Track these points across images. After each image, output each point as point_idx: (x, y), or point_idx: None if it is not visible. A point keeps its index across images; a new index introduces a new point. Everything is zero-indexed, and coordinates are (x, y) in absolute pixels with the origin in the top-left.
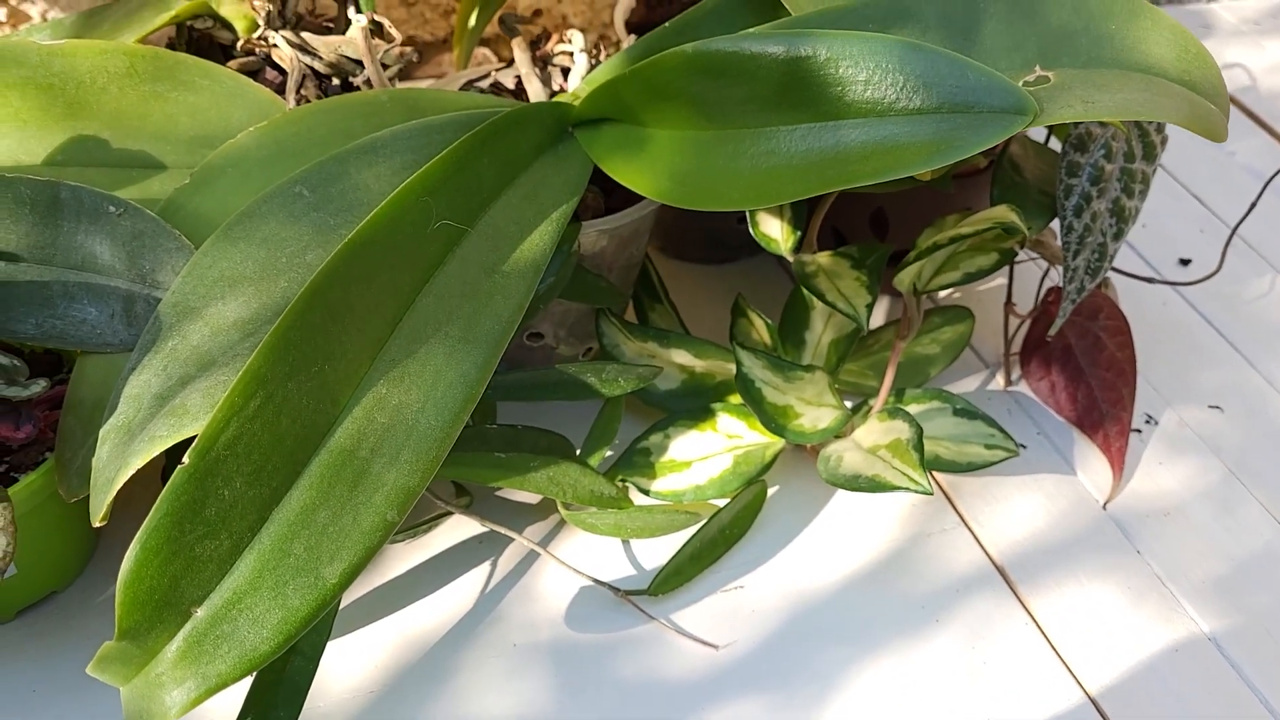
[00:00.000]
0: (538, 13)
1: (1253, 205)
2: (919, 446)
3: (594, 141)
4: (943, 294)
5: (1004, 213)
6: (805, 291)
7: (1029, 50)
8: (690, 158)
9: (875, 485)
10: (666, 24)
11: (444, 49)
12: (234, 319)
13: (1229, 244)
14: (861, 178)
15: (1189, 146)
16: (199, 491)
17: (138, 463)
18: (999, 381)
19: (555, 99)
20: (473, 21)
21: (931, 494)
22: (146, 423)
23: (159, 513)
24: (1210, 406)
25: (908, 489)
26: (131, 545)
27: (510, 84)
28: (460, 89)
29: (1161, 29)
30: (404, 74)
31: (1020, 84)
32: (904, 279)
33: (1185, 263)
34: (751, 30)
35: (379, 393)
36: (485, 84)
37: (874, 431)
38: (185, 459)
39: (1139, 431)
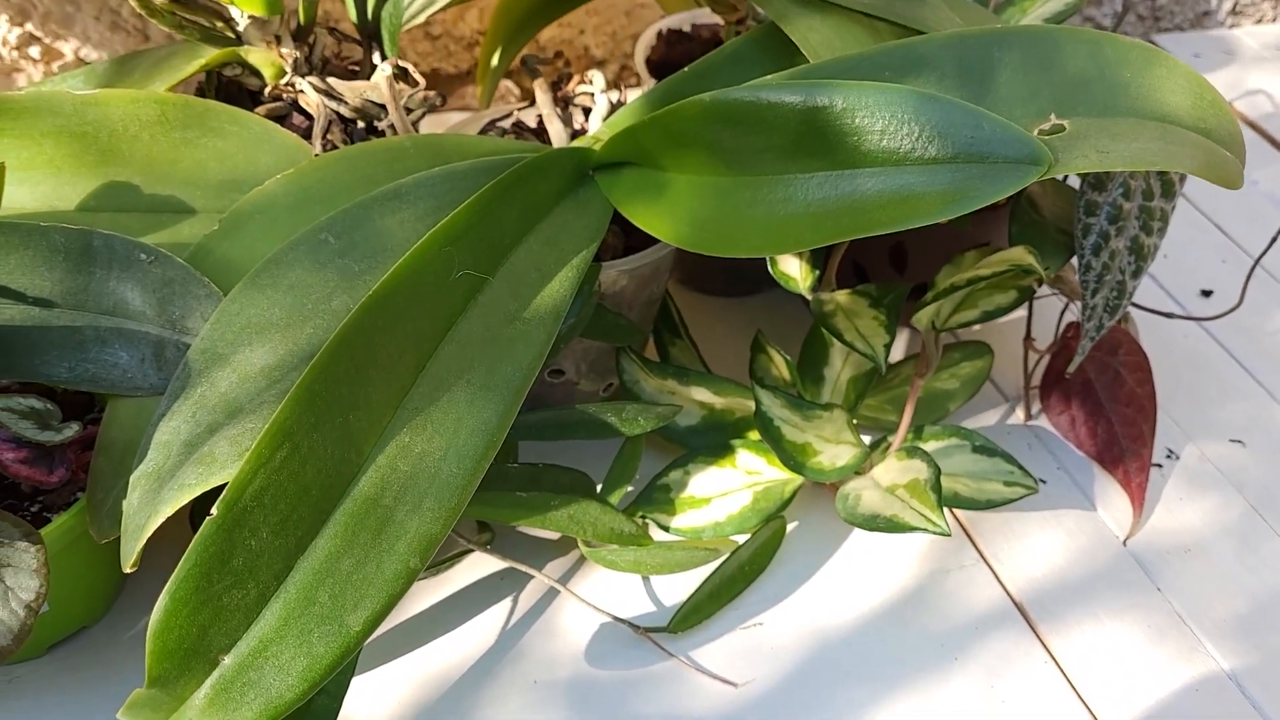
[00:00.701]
0: (560, 53)
1: (1275, 237)
2: (937, 487)
3: (614, 186)
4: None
5: (1021, 255)
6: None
7: (1044, 99)
8: (709, 204)
9: (893, 526)
10: (686, 69)
11: (467, 80)
12: (261, 366)
13: (1250, 276)
14: (877, 226)
15: None
16: (226, 543)
17: (167, 510)
18: (1019, 416)
19: (576, 141)
20: (495, 61)
21: (949, 535)
22: (176, 470)
23: (187, 564)
24: (1232, 441)
25: (925, 530)
26: (161, 596)
27: (532, 122)
28: (483, 129)
29: (1177, 77)
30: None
31: (1035, 132)
32: (922, 318)
33: (1207, 294)
34: (769, 79)
35: (402, 441)
36: (507, 123)
37: (892, 470)
38: (213, 511)
39: (1159, 466)
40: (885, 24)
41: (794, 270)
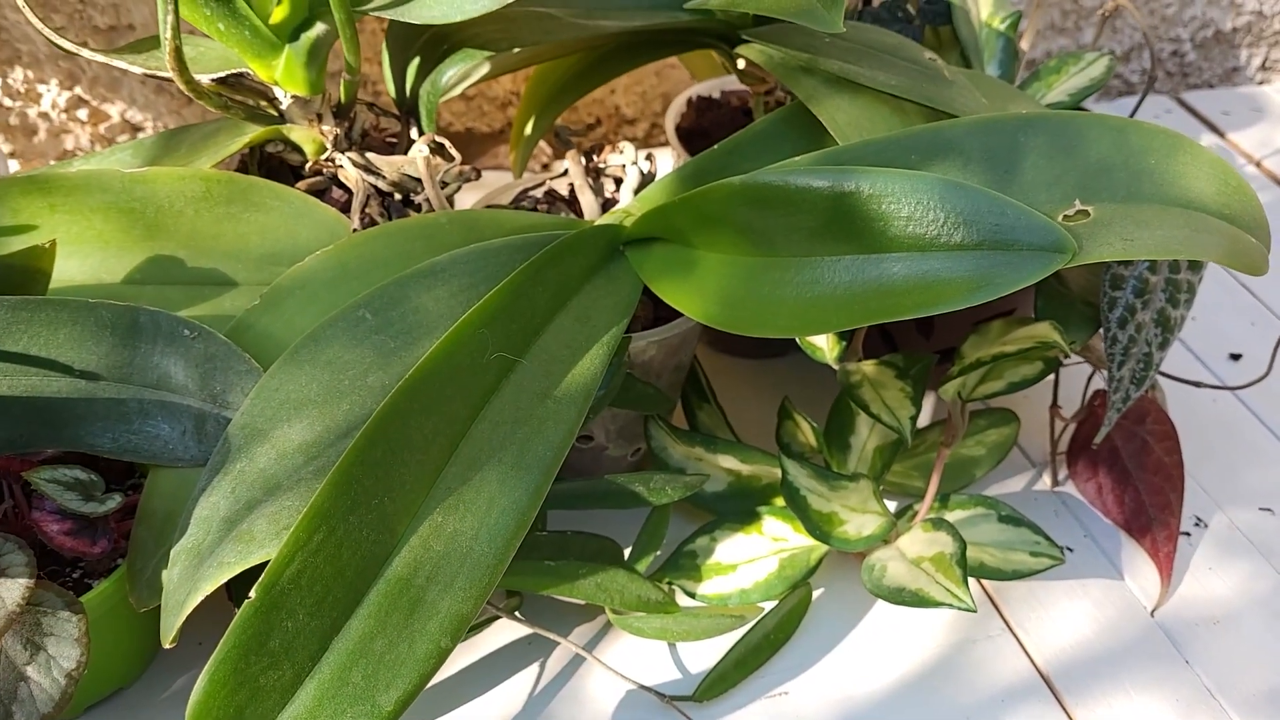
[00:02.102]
0: (594, 123)
1: None
2: (962, 562)
3: (644, 261)
4: None
5: (1046, 331)
6: None
7: (1068, 185)
8: (738, 283)
9: (919, 600)
10: (715, 146)
11: (501, 140)
12: (299, 442)
13: (1276, 349)
14: (903, 311)
15: None
16: (264, 625)
17: (207, 588)
18: (1045, 482)
19: (607, 214)
20: (529, 129)
21: (975, 611)
22: (215, 547)
23: (226, 646)
24: (1261, 509)
25: (951, 606)
26: (200, 677)
27: (564, 190)
28: (516, 198)
29: (1201, 163)
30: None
31: (1060, 218)
32: (949, 390)
33: (1236, 358)
34: (797, 160)
35: (435, 521)
36: (540, 192)
37: (918, 542)
38: (251, 594)
39: (1188, 535)
40: (913, 105)
41: (821, 341)
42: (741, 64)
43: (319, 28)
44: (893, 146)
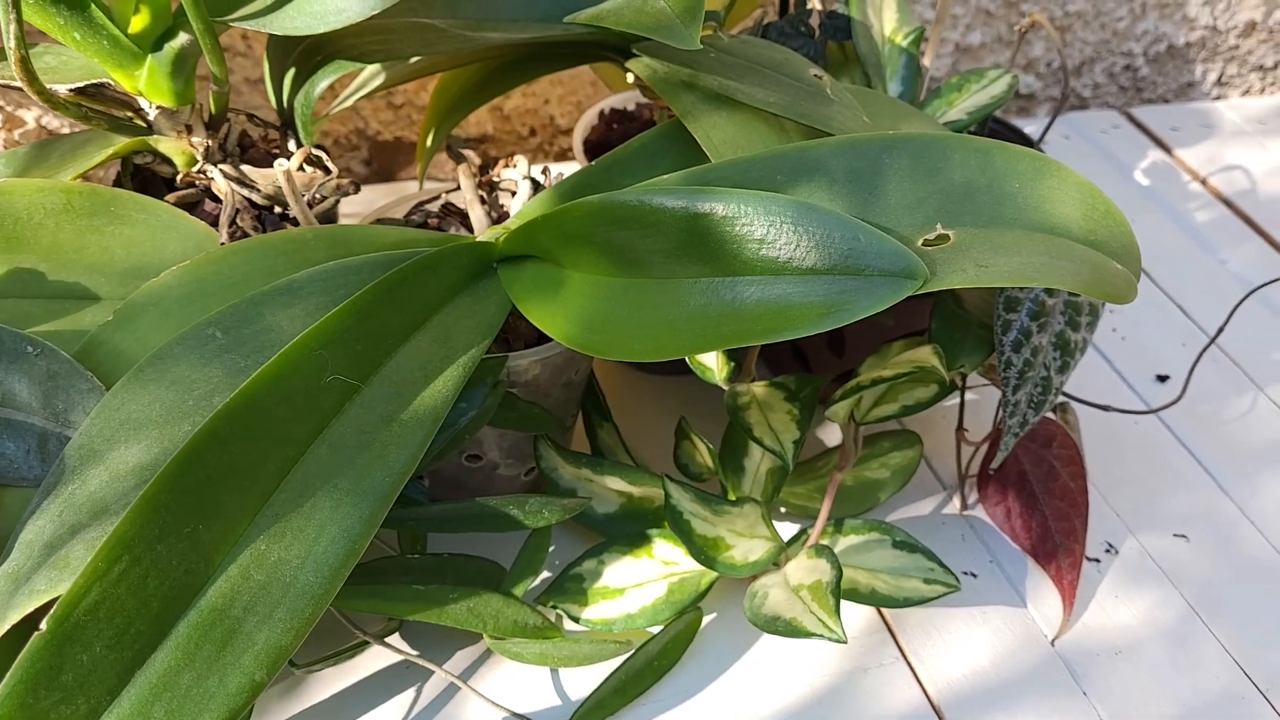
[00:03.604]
0: (484, 137)
1: (1229, 317)
2: (836, 591)
3: (515, 279)
4: None
5: (926, 356)
6: None
7: (930, 207)
8: (599, 304)
9: (792, 630)
10: (594, 162)
11: (479, 144)
12: (133, 464)
13: (1198, 362)
14: (754, 336)
15: (1177, 251)
16: (56, 658)
17: (14, 616)
18: (956, 505)
19: (489, 230)
20: (430, 141)
21: (845, 642)
22: (32, 574)
23: (13, 679)
24: (1176, 535)
25: (822, 637)
26: None
27: (462, 205)
28: (409, 212)
29: (1068, 187)
30: (384, 177)
31: (921, 242)
32: (839, 412)
33: (1163, 379)
34: (666, 179)
35: (258, 549)
36: (436, 205)
37: (801, 568)
38: (43, 625)
39: (1097, 561)
40: (793, 123)
41: (710, 360)
42: (631, 78)
43: (183, 37)
44: (759, 166)
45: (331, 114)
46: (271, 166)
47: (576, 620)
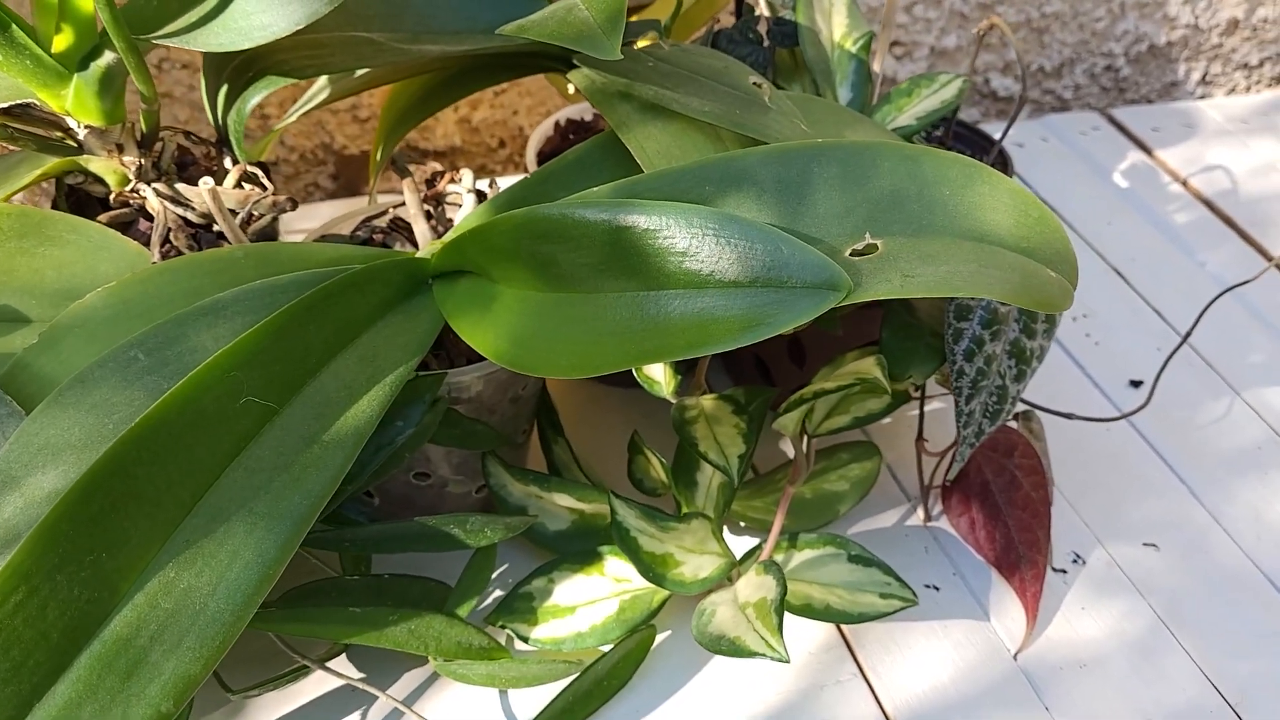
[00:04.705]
0: (429, 152)
1: (1198, 318)
2: (780, 609)
3: (449, 295)
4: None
5: (869, 367)
6: None
7: (859, 216)
8: (529, 320)
9: (735, 649)
10: (529, 174)
11: (422, 158)
12: (49, 490)
13: (1166, 366)
14: (676, 351)
15: (1154, 253)
16: None
17: None
18: (920, 516)
19: (427, 246)
20: (379, 155)
21: (788, 662)
22: None
23: None
24: (1145, 544)
25: (765, 656)
26: None
27: (410, 219)
28: (356, 227)
29: (999, 193)
30: (351, 191)
31: (849, 252)
32: (787, 425)
33: (1136, 384)
34: (596, 192)
35: (166, 576)
36: (384, 220)
37: (750, 585)
38: None
39: (1063, 572)
40: (730, 132)
41: (657, 374)
42: (572, 89)
43: (108, 56)
44: (688, 176)
45: (279, 129)
46: (196, 188)
47: (525, 640)
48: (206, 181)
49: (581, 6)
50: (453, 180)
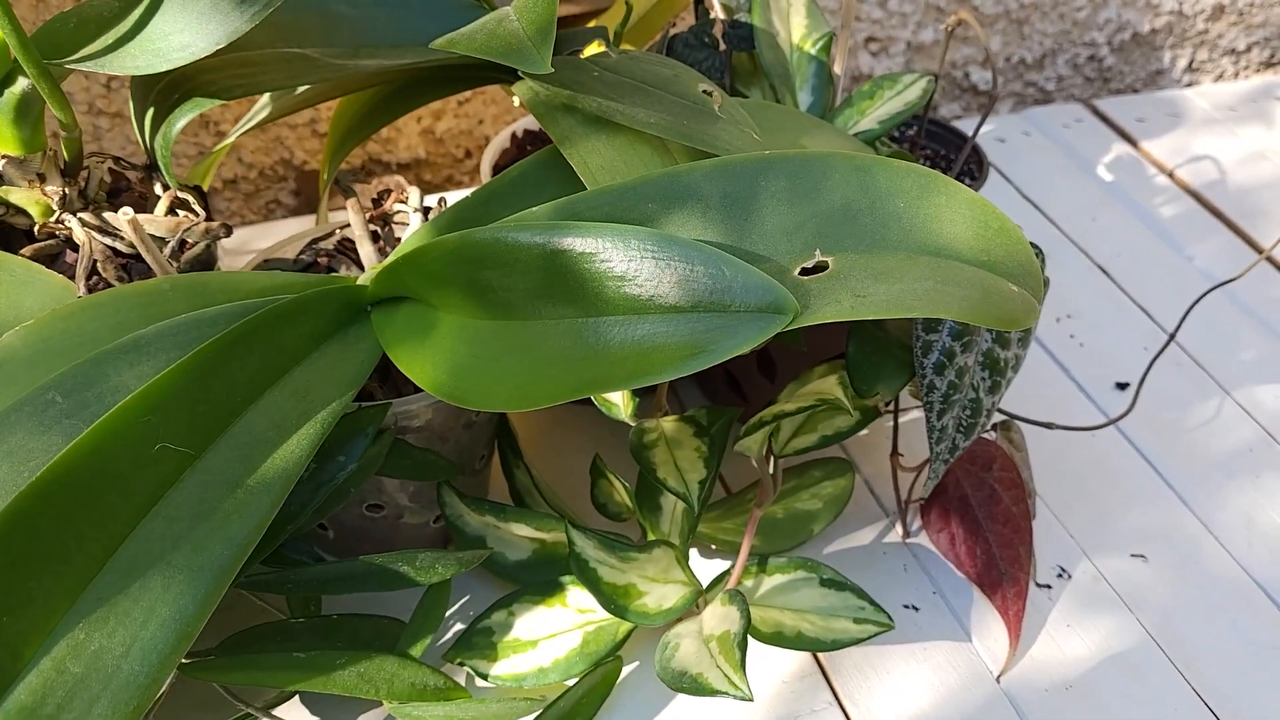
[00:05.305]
0: (373, 170)
1: (1184, 316)
2: (743, 644)
3: (388, 324)
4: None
5: (831, 387)
6: None
7: (809, 232)
8: (468, 348)
9: (697, 686)
10: (471, 193)
11: (362, 176)
12: None
13: (1151, 368)
14: (618, 382)
15: (1140, 249)
16: None
17: None
18: (898, 533)
19: (357, 277)
20: (327, 172)
21: (751, 700)
22: None
23: None
24: (1133, 555)
25: (728, 694)
26: None
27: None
28: (302, 250)
29: (957, 204)
30: (313, 207)
31: (798, 271)
32: (750, 447)
33: (1123, 387)
34: (526, 214)
35: (75, 639)
36: (330, 242)
37: (715, 616)
38: None
39: (1048, 587)
40: (678, 144)
41: (615, 396)
42: (517, 101)
43: (23, 83)
44: (630, 194)
45: (221, 150)
46: (148, 212)
47: (485, 677)
48: (126, 211)
49: (513, 17)
50: (399, 199)
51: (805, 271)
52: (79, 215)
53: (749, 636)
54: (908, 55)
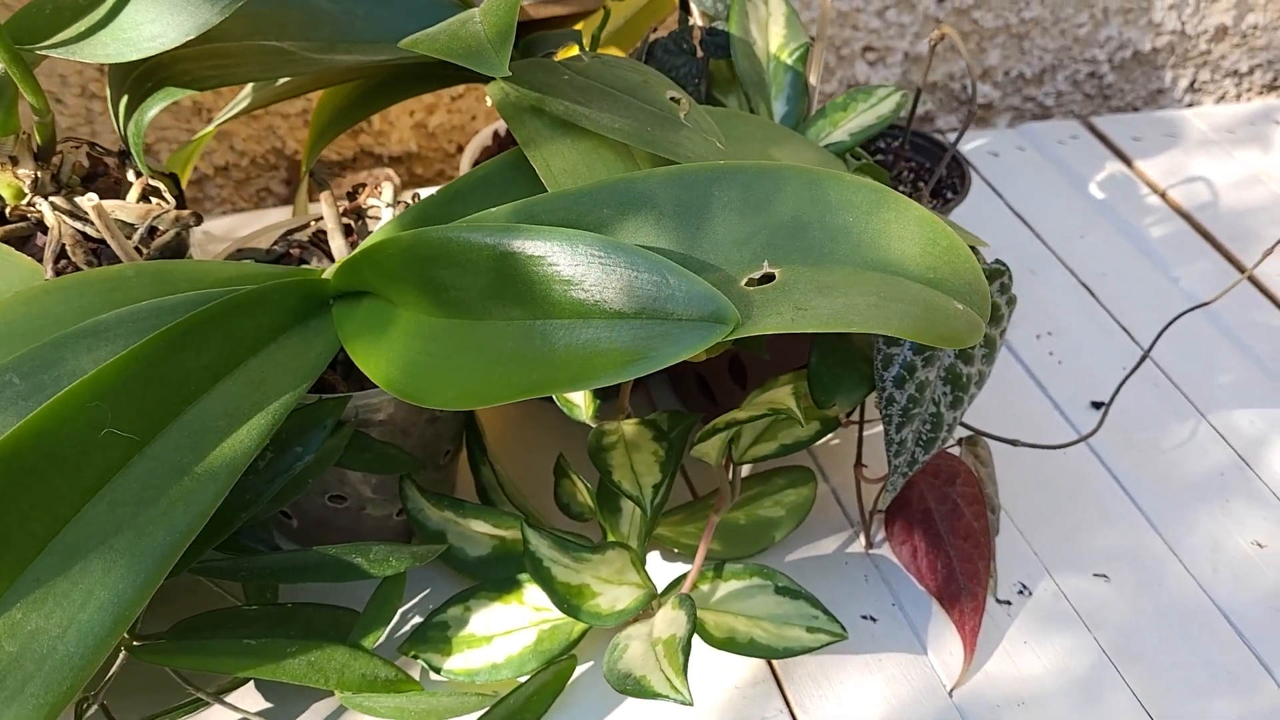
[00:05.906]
0: (347, 164)
1: (1158, 336)
2: (687, 648)
3: (348, 318)
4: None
5: (784, 398)
6: None
7: (758, 243)
8: (422, 345)
9: (640, 689)
10: (436, 192)
11: (354, 167)
12: None
13: (1123, 386)
14: (561, 384)
15: (1126, 268)
16: None
17: None
18: (861, 543)
19: (323, 271)
20: (306, 164)
21: (692, 705)
22: None
23: None
24: (1096, 575)
25: (669, 699)
26: None
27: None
28: (276, 241)
29: (907, 221)
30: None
31: (745, 281)
32: (707, 452)
33: (1098, 406)
34: (484, 215)
35: (12, 618)
36: (305, 234)
37: (665, 620)
38: None
39: (1008, 604)
40: (641, 150)
41: (577, 398)
42: (490, 102)
43: None
44: (587, 199)
45: (202, 138)
46: (121, 197)
47: (438, 671)
48: (91, 197)
49: (477, 19)
50: (373, 194)
51: (753, 282)
52: (50, 199)
53: (702, 641)
54: (905, 65)
